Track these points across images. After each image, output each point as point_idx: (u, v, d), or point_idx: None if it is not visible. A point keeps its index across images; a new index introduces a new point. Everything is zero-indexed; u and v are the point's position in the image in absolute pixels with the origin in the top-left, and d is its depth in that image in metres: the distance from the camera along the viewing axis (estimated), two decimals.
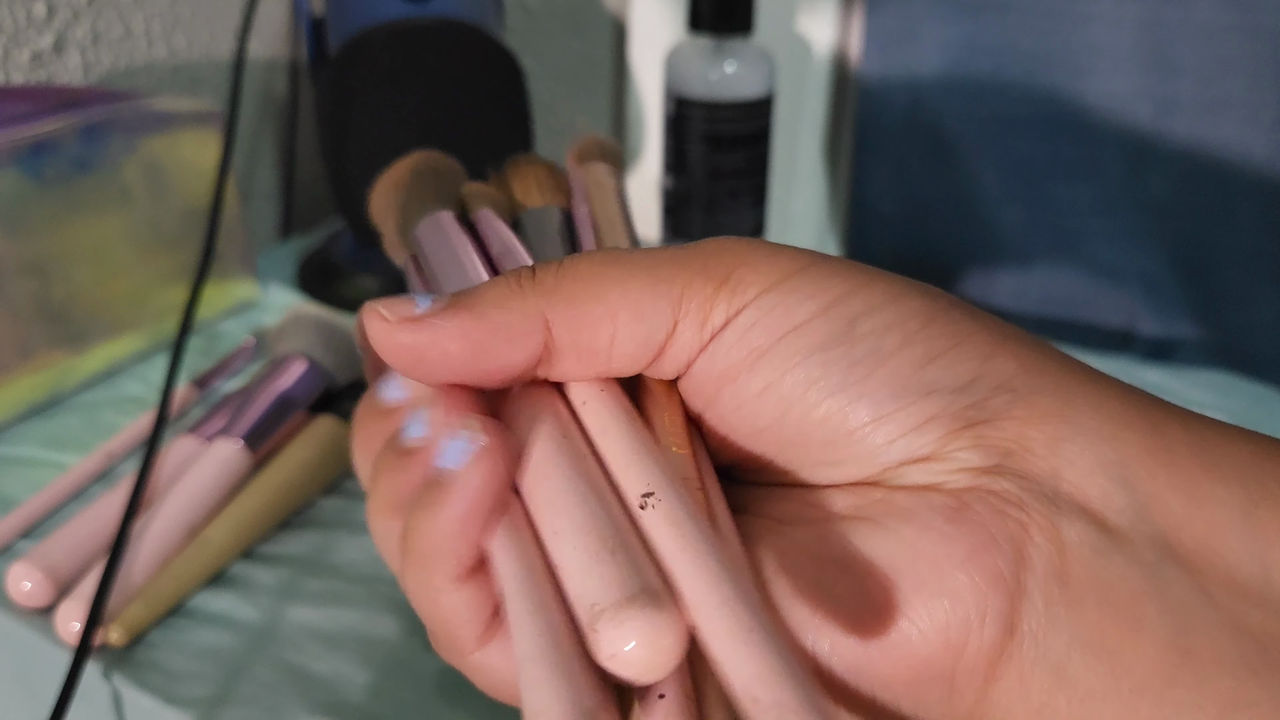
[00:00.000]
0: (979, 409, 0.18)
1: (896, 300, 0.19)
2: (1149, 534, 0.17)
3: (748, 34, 0.59)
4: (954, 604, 0.17)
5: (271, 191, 0.71)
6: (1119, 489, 0.17)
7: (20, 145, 0.46)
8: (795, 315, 0.19)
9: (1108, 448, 0.17)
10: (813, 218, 0.76)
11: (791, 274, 0.19)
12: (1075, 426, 0.18)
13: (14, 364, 0.47)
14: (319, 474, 0.43)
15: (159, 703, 0.34)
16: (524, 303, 0.19)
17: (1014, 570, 0.17)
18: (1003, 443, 0.18)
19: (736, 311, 0.19)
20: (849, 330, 0.18)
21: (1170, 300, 0.62)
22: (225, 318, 0.57)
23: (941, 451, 0.18)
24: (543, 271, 0.20)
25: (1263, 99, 0.56)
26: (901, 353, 0.18)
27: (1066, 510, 0.17)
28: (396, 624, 0.37)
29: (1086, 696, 0.17)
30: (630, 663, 0.15)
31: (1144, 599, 0.17)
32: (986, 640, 0.17)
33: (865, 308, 0.19)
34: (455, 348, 0.19)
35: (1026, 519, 0.17)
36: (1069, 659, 0.17)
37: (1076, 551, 0.17)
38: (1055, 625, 0.17)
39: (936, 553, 0.17)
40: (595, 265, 0.20)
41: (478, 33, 0.55)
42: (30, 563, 0.37)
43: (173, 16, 0.62)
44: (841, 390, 0.18)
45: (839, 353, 0.18)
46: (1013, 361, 0.18)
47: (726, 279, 0.19)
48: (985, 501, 0.17)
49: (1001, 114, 0.63)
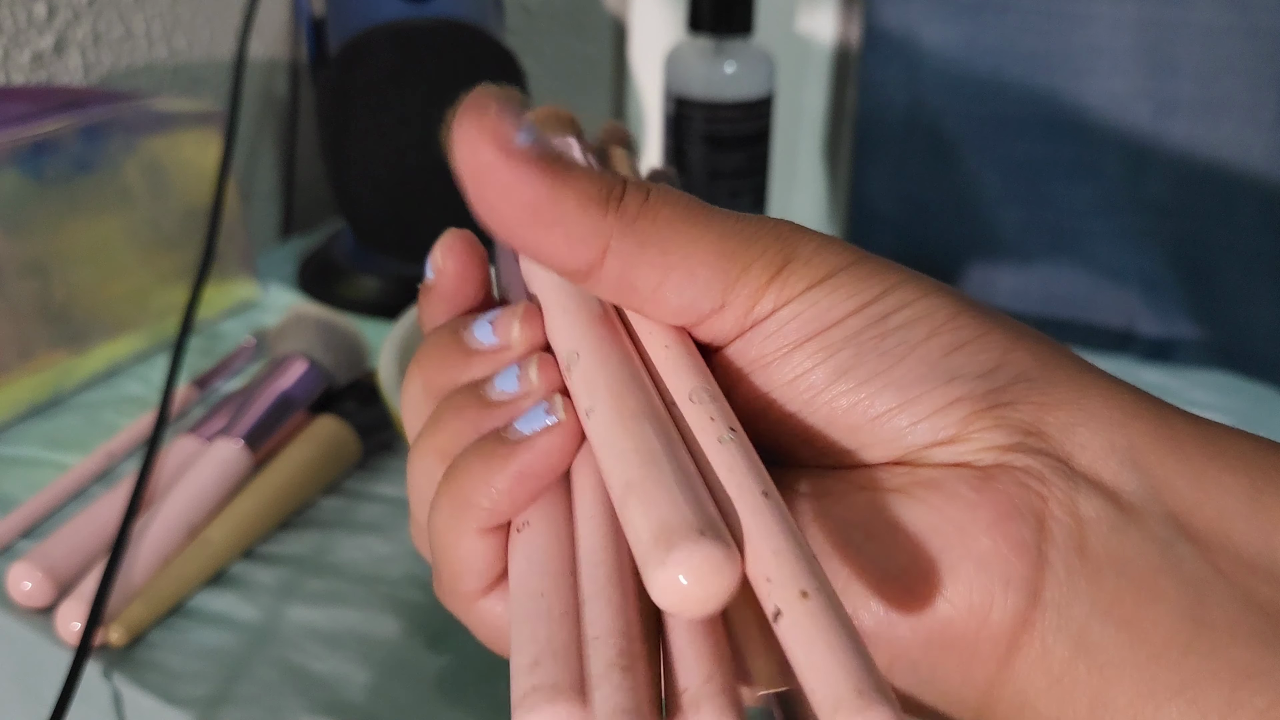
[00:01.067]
0: (1000, 394, 0.19)
1: (927, 296, 0.20)
2: (1161, 513, 0.18)
3: (748, 34, 0.59)
4: (979, 569, 0.18)
5: (271, 191, 0.71)
6: (1130, 472, 0.18)
7: (21, 145, 0.46)
8: (834, 313, 0.19)
9: (1119, 434, 0.18)
10: (813, 218, 0.76)
11: (837, 270, 0.20)
12: (1088, 413, 0.18)
13: (14, 364, 0.47)
14: (319, 474, 0.43)
15: (159, 703, 0.34)
16: (599, 221, 0.19)
17: (1036, 539, 0.18)
18: (1022, 424, 0.18)
19: (783, 304, 0.19)
20: (882, 323, 0.19)
21: (1170, 300, 0.62)
22: (225, 318, 0.57)
23: (965, 433, 0.18)
24: (631, 197, 0.20)
25: (1262, 99, 0.56)
26: (928, 342, 0.19)
27: (1083, 486, 0.18)
28: (396, 624, 0.37)
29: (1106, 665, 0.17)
30: (685, 595, 0.16)
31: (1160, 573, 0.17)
32: (1011, 607, 0.17)
33: (898, 304, 0.19)
34: (517, 202, 0.19)
35: (1046, 492, 0.18)
36: (1089, 628, 0.17)
37: (1094, 526, 0.18)
38: (1076, 595, 0.17)
39: (963, 518, 0.18)
40: (677, 212, 0.20)
41: (478, 33, 0.55)
42: (30, 563, 0.37)
43: (173, 17, 0.62)
44: (870, 379, 0.19)
45: (870, 345, 0.19)
46: (1030, 356, 0.19)
47: (780, 271, 0.20)
48: (1009, 474, 0.18)
49: (1001, 114, 0.63)
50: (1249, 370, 0.58)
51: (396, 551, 0.41)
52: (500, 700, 0.34)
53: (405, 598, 0.38)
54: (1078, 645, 0.17)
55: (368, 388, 0.47)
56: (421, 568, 0.40)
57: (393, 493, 0.44)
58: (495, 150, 0.19)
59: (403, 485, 0.44)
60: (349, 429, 0.44)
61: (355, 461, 0.45)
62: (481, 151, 0.19)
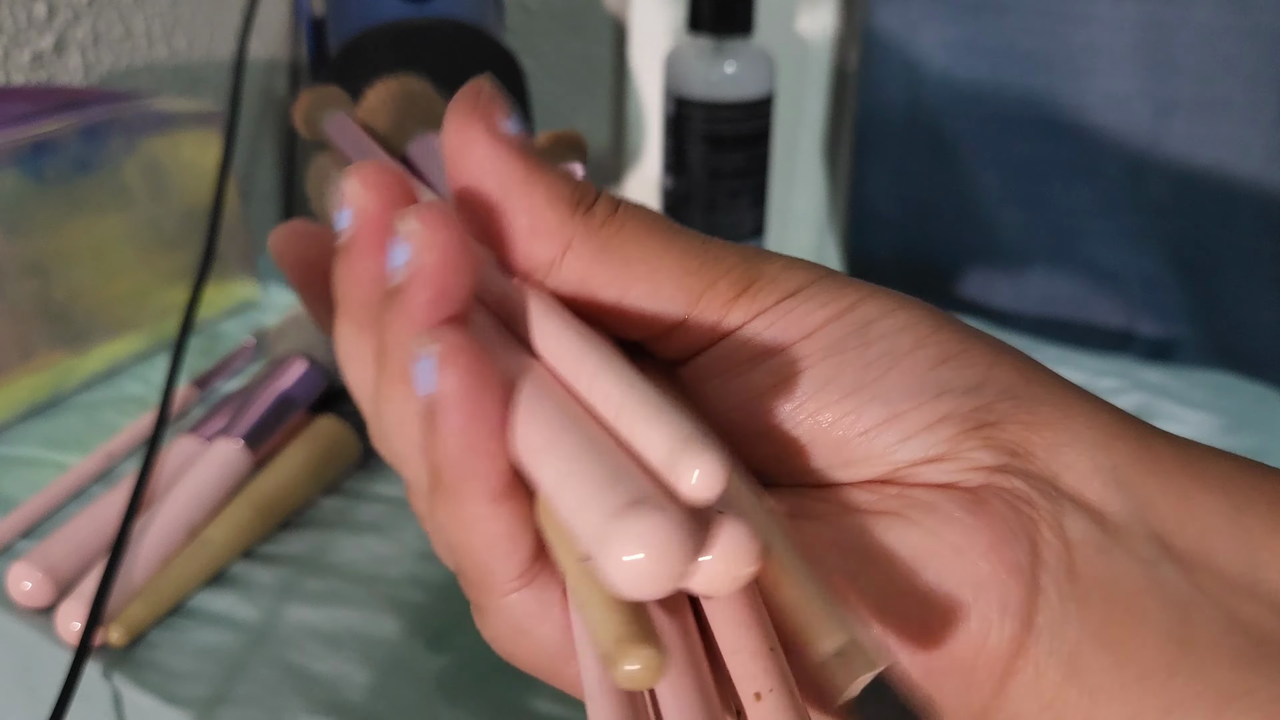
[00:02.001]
0: (987, 411, 0.18)
1: (906, 306, 0.19)
2: (1145, 533, 0.18)
3: (748, 34, 0.59)
4: (977, 594, 0.18)
5: (271, 191, 0.71)
6: (1115, 492, 0.18)
7: (21, 145, 0.46)
8: (811, 319, 0.19)
9: (1103, 454, 0.18)
10: (813, 218, 0.76)
11: (807, 284, 0.19)
12: (1073, 434, 0.18)
13: (14, 364, 0.47)
14: (319, 474, 0.43)
15: (159, 702, 0.34)
16: (565, 219, 0.19)
17: (1030, 563, 0.17)
18: (1009, 444, 0.18)
19: (754, 314, 0.19)
20: (863, 332, 0.19)
21: (1170, 300, 0.62)
22: (225, 318, 0.57)
23: (954, 451, 0.18)
24: (601, 205, 0.20)
25: (1262, 100, 0.56)
26: (915, 353, 0.19)
27: (1069, 508, 0.18)
28: (396, 624, 0.37)
29: (1095, 688, 0.17)
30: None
31: (1144, 594, 0.17)
32: (1006, 633, 0.17)
33: (879, 312, 0.19)
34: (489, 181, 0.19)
35: (1036, 515, 0.18)
36: (1080, 651, 0.17)
37: (1081, 548, 0.17)
38: (1067, 618, 0.17)
39: (961, 542, 0.18)
40: (644, 226, 0.20)
41: (478, 33, 0.55)
42: (30, 563, 0.37)
43: (173, 17, 0.62)
44: (855, 391, 0.18)
45: (854, 354, 0.19)
46: (1013, 371, 0.19)
47: (748, 287, 0.19)
48: (999, 497, 0.18)
49: (1001, 114, 0.63)
50: (1249, 370, 0.58)
51: (396, 551, 0.41)
52: (500, 700, 0.34)
53: (405, 598, 0.38)
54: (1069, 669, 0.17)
55: None
56: (422, 568, 0.40)
57: (393, 493, 0.44)
58: (481, 127, 0.19)
59: (402, 485, 0.44)
60: (349, 429, 0.44)
61: (355, 461, 0.45)
62: (468, 127, 0.19)
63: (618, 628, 0.15)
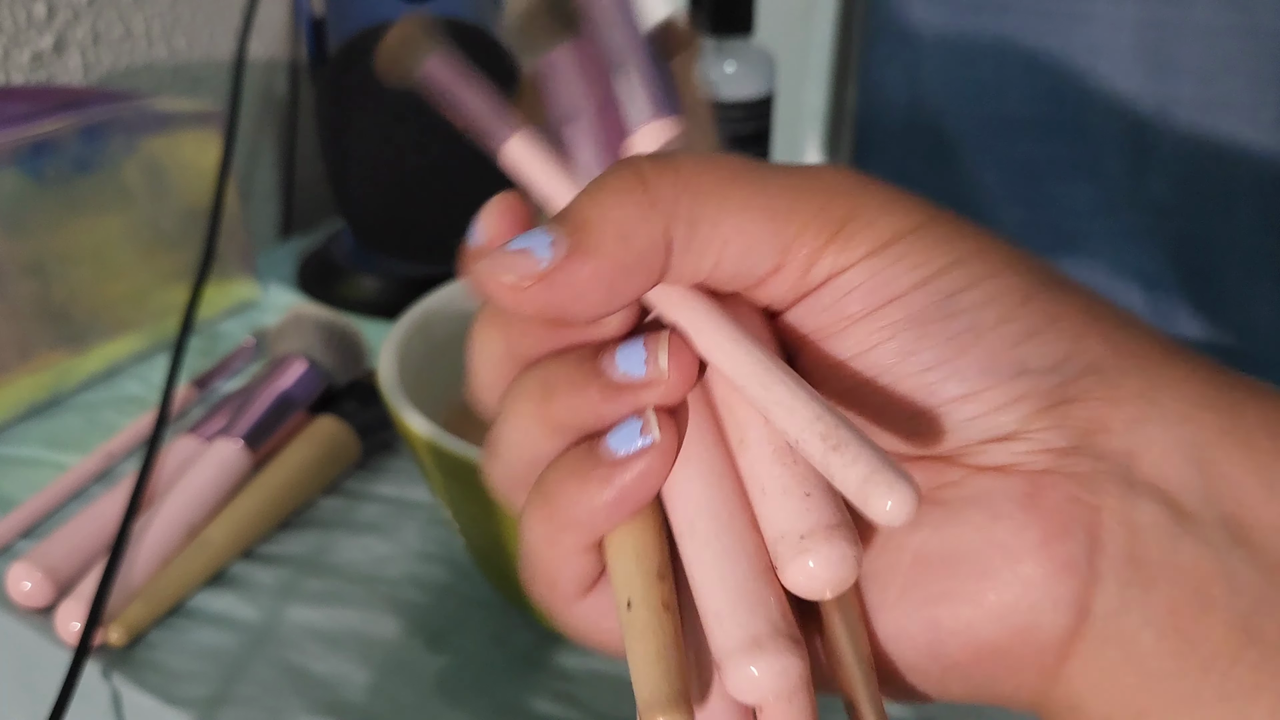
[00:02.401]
0: (1066, 388, 0.18)
1: (998, 274, 0.18)
2: (1219, 517, 0.17)
3: (748, 34, 0.59)
4: (1025, 592, 0.17)
5: (271, 191, 0.71)
6: (1192, 471, 0.17)
7: (20, 145, 0.46)
8: (897, 285, 0.18)
9: (1187, 429, 0.18)
10: None
11: (902, 234, 0.18)
12: (1157, 407, 0.18)
13: (14, 364, 0.47)
14: (319, 474, 0.43)
15: (159, 703, 0.34)
16: (651, 228, 0.18)
17: (1087, 555, 0.17)
18: (1083, 422, 0.18)
19: (841, 270, 0.18)
20: (948, 303, 0.18)
21: (1170, 300, 0.62)
22: (225, 318, 0.57)
23: (1023, 430, 0.18)
24: (657, 179, 0.19)
25: (1262, 99, 0.56)
26: (998, 330, 0.18)
27: (1140, 491, 0.17)
28: (396, 624, 0.37)
29: (1154, 674, 0.17)
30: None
31: (1213, 581, 0.17)
32: (1059, 625, 0.17)
33: (967, 281, 0.18)
34: (594, 295, 0.18)
35: (1099, 503, 0.17)
36: (1140, 638, 0.17)
37: (1149, 534, 0.17)
38: (1128, 606, 0.17)
39: (1008, 541, 0.17)
40: (714, 183, 0.19)
41: (478, 32, 0.55)
42: (30, 563, 0.37)
43: (173, 17, 0.62)
44: (936, 365, 0.18)
45: (936, 328, 0.18)
46: (1102, 343, 0.18)
47: (839, 230, 0.18)
48: (1059, 488, 0.18)
49: (1001, 114, 0.63)
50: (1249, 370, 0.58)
51: (396, 551, 0.41)
52: (500, 700, 0.34)
53: (405, 598, 0.38)
54: (1128, 656, 0.17)
55: (368, 388, 0.47)
56: (422, 568, 0.40)
57: (393, 493, 0.44)
58: (543, 290, 0.18)
59: (402, 485, 0.44)
60: (349, 429, 0.44)
61: (355, 461, 0.45)
62: (536, 298, 0.18)
63: (655, 682, 0.17)
